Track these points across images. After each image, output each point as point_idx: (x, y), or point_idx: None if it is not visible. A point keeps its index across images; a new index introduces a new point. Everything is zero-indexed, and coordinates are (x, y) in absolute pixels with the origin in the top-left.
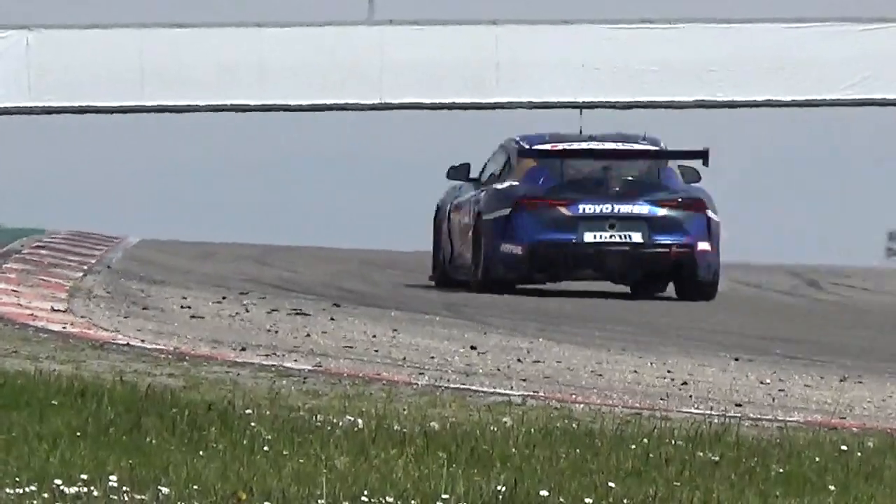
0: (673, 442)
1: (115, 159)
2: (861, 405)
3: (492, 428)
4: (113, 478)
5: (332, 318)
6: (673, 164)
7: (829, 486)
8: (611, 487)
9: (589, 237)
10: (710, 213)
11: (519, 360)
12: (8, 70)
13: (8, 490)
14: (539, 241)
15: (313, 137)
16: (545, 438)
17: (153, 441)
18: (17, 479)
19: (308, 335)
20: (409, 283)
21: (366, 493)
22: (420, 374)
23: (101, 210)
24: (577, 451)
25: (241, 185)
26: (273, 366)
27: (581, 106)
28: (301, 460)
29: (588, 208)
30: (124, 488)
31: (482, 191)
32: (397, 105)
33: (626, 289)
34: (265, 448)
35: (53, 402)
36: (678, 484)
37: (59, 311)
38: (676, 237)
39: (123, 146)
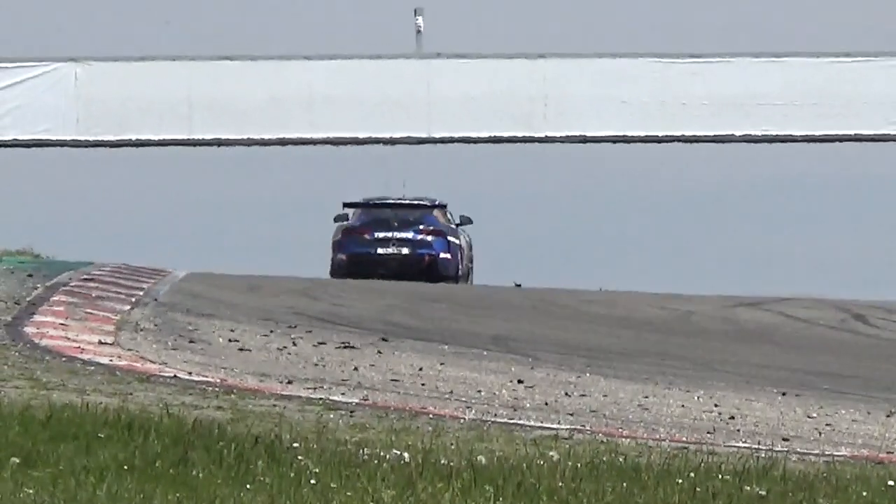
0: (720, 476)
1: (163, 192)
2: None
3: (539, 462)
4: None
5: (379, 352)
6: (441, 211)
7: None
8: None
9: (380, 251)
10: (449, 237)
11: (566, 395)
12: (56, 103)
13: None
14: (353, 252)
15: (361, 170)
16: (592, 472)
17: (200, 474)
18: None
19: (355, 369)
20: (456, 317)
21: None
22: (467, 407)
23: (149, 243)
24: (624, 485)
25: (289, 218)
26: (320, 399)
27: (628, 140)
28: (348, 493)
29: (379, 234)
30: None
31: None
32: (445, 139)
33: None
34: (312, 481)
35: (100, 434)
36: None
37: (106, 343)
38: (428, 250)
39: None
